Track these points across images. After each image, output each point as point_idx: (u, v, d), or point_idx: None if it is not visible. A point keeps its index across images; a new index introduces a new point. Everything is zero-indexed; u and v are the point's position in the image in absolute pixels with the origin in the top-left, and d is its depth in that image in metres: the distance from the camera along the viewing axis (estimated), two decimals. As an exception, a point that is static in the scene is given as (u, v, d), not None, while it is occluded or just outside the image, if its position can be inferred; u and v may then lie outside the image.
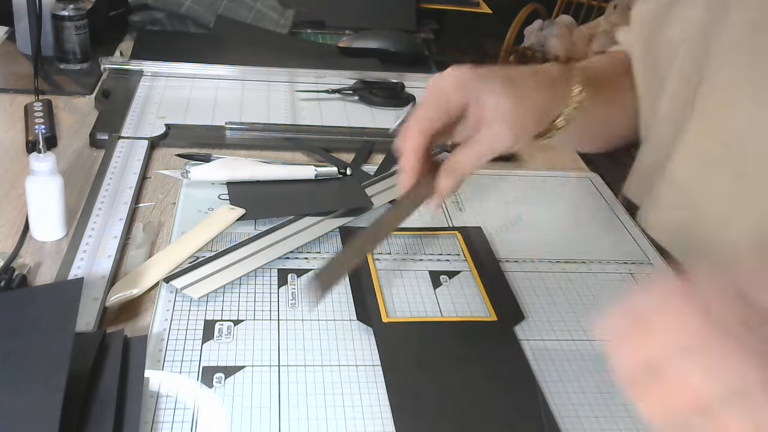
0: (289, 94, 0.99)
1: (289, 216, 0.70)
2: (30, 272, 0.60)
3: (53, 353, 0.46)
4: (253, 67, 1.03)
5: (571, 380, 0.55)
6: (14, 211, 0.68)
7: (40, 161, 0.62)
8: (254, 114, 0.91)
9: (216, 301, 0.59)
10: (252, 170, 0.75)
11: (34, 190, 0.63)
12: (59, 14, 0.99)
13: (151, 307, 0.58)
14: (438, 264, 0.66)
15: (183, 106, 0.92)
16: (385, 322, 0.58)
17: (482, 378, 0.54)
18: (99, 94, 0.93)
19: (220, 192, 0.73)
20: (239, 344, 0.55)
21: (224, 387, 0.51)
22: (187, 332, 0.55)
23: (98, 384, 0.48)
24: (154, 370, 0.51)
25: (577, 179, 0.84)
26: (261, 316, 0.58)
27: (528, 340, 0.58)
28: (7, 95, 0.92)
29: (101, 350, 0.50)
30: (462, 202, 0.77)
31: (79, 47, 1.02)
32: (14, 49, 1.06)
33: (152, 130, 0.84)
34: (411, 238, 0.69)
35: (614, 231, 0.74)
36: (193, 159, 0.78)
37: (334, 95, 0.98)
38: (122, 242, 0.64)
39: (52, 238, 0.65)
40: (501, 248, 0.69)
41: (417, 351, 0.56)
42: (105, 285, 0.58)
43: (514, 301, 0.62)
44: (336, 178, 0.77)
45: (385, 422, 0.49)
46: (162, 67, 1.01)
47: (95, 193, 0.70)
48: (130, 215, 0.68)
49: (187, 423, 0.48)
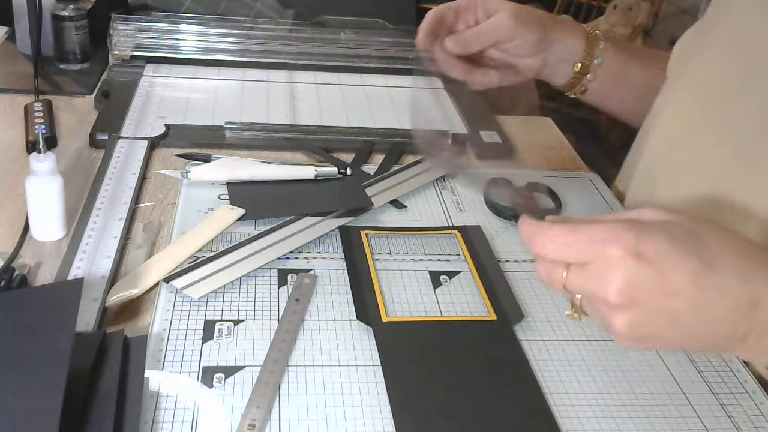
0: (289, 94, 0.99)
1: (289, 216, 0.70)
2: (30, 272, 0.60)
3: (53, 353, 0.46)
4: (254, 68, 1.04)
5: (571, 380, 0.55)
6: (14, 211, 0.68)
7: (40, 161, 0.62)
8: (254, 114, 0.92)
9: (216, 301, 0.59)
10: (252, 170, 0.75)
11: (34, 190, 0.63)
12: (59, 14, 0.99)
13: (151, 307, 0.58)
14: (438, 264, 0.66)
15: (183, 106, 0.92)
16: (384, 321, 0.58)
17: (482, 378, 0.54)
18: (99, 94, 0.94)
19: (220, 192, 0.73)
20: (239, 344, 0.55)
21: (224, 387, 0.51)
22: (187, 332, 0.55)
23: (98, 384, 0.48)
24: (154, 370, 0.51)
25: (577, 179, 0.84)
26: (261, 316, 0.58)
27: (528, 340, 0.58)
28: (7, 95, 0.92)
29: (101, 350, 0.50)
30: (462, 202, 0.77)
31: (79, 47, 1.02)
32: (14, 49, 1.06)
33: (152, 130, 0.84)
34: (411, 238, 0.69)
35: (614, 231, 0.74)
36: (193, 159, 0.78)
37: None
38: (122, 242, 0.64)
39: (52, 238, 0.65)
40: (501, 248, 0.69)
41: (417, 351, 0.56)
42: (105, 285, 0.58)
43: (514, 301, 0.62)
44: (336, 178, 0.77)
45: (385, 422, 0.49)
46: (162, 67, 1.01)
47: (95, 193, 0.70)
48: (130, 215, 0.68)
49: (187, 423, 0.48)
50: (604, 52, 0.79)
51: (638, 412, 0.52)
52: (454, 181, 0.80)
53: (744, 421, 0.53)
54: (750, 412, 0.54)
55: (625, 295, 0.44)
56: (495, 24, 0.74)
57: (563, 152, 0.91)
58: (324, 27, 1.15)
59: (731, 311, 0.44)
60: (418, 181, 0.78)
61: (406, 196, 0.76)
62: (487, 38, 0.75)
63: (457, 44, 0.75)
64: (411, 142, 0.85)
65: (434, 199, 0.77)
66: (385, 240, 0.69)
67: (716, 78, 0.67)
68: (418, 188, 0.78)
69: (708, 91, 0.68)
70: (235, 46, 1.05)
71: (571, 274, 0.46)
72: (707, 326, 0.45)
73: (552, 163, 0.88)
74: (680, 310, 0.44)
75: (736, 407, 0.54)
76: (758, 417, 0.53)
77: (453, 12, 0.76)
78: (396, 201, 0.75)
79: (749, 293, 0.44)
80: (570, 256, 0.46)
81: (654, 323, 0.44)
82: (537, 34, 0.75)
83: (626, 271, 0.43)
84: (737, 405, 0.54)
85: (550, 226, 0.47)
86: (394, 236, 0.69)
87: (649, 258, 0.43)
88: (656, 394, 0.54)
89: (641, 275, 0.43)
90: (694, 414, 0.53)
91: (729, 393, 0.55)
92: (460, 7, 0.76)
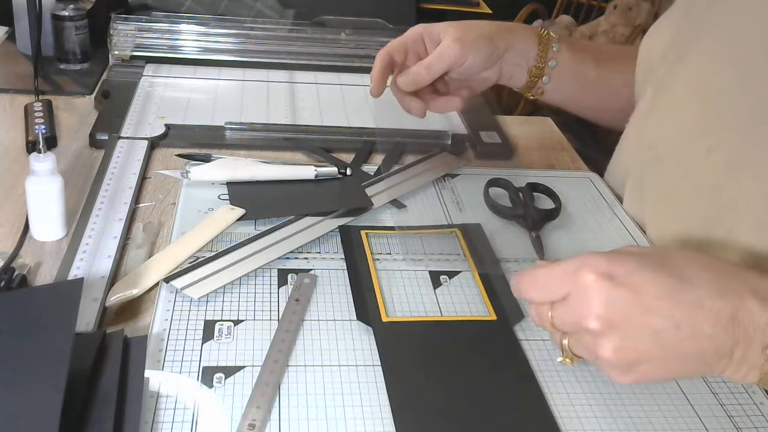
0: (289, 94, 0.99)
1: (289, 216, 0.70)
2: (30, 272, 0.60)
3: (53, 353, 0.46)
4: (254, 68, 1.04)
5: (571, 380, 0.55)
6: (14, 211, 0.68)
7: (40, 161, 0.62)
8: (254, 114, 0.92)
9: (216, 301, 0.59)
10: (252, 170, 0.75)
11: (34, 190, 0.63)
12: (59, 14, 0.99)
13: (151, 307, 0.58)
14: (438, 264, 0.66)
15: (183, 106, 0.92)
16: (384, 321, 0.58)
17: (482, 377, 0.54)
18: (99, 94, 0.93)
19: (220, 192, 0.73)
20: (239, 344, 0.55)
21: (224, 387, 0.51)
22: (187, 332, 0.55)
23: (98, 384, 0.48)
24: (154, 370, 0.51)
25: (577, 179, 0.84)
26: (261, 316, 0.58)
27: (528, 339, 0.58)
28: (7, 95, 0.92)
29: (101, 350, 0.50)
30: (462, 201, 0.77)
31: (79, 47, 1.02)
32: (14, 49, 1.06)
33: (152, 130, 0.84)
34: (411, 238, 0.69)
35: (614, 231, 0.74)
36: (193, 159, 0.78)
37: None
38: (122, 242, 0.64)
39: (52, 238, 0.65)
40: (501, 247, 0.69)
41: (417, 351, 0.56)
42: (105, 285, 0.58)
43: (514, 301, 0.62)
44: (336, 178, 0.77)
45: (385, 422, 0.49)
46: (162, 67, 1.01)
47: (95, 193, 0.70)
48: (130, 215, 0.68)
49: (187, 423, 0.48)
50: (557, 54, 0.79)
51: (638, 412, 0.52)
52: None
53: (744, 421, 0.53)
54: (750, 412, 0.54)
55: (604, 319, 0.45)
56: (441, 54, 0.73)
57: (563, 152, 0.91)
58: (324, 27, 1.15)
59: (713, 326, 0.45)
60: (418, 181, 0.78)
61: (406, 196, 0.76)
62: (436, 70, 0.74)
63: (408, 83, 0.74)
64: (411, 143, 0.85)
65: (434, 198, 0.77)
66: (386, 240, 0.69)
67: (706, 85, 0.66)
68: (418, 188, 0.78)
69: (697, 98, 0.67)
70: (235, 46, 1.05)
71: (555, 311, 0.48)
72: (691, 343, 0.45)
73: (552, 163, 0.88)
74: (661, 328, 0.45)
75: (736, 407, 0.54)
76: (758, 417, 0.53)
77: (401, 47, 0.76)
78: (396, 201, 0.75)
79: (727, 306, 0.45)
80: (550, 291, 0.48)
81: (638, 346, 0.45)
82: (485, 51, 0.75)
83: (600, 293, 0.45)
84: (737, 405, 0.54)
85: (534, 270, 0.49)
86: (394, 236, 0.69)
87: (621, 279, 0.45)
88: (656, 394, 0.54)
89: (617, 296, 0.45)
90: (694, 414, 0.53)
91: (729, 393, 0.55)
92: (407, 41, 0.76)
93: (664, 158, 0.70)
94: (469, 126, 0.93)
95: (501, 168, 0.84)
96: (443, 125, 0.91)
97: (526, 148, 0.91)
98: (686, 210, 0.67)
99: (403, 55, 0.76)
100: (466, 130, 0.93)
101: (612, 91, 0.83)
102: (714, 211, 0.63)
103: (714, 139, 0.64)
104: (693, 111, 0.67)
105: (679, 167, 0.68)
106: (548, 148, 0.92)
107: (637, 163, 0.75)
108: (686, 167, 0.67)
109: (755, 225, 0.60)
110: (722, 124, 0.64)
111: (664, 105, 0.72)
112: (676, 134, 0.69)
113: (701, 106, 0.66)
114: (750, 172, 0.60)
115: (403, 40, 0.76)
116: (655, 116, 0.73)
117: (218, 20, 1.09)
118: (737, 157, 0.62)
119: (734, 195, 0.62)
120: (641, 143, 0.74)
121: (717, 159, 0.63)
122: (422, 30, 0.76)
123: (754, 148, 0.60)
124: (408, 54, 0.76)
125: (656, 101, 0.73)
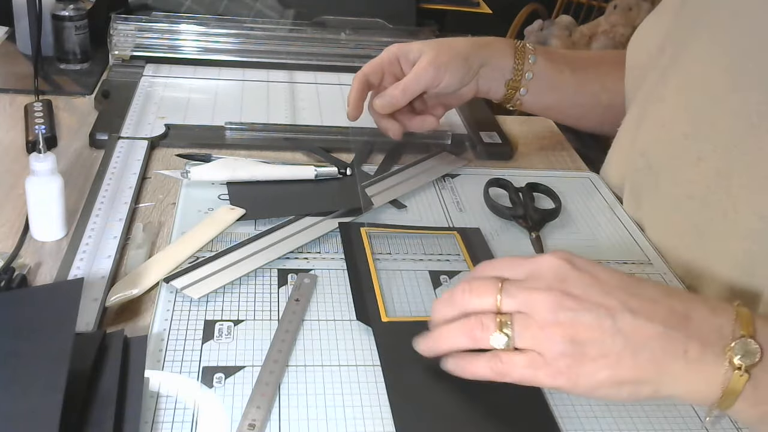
0: (289, 94, 0.99)
1: (289, 216, 0.70)
2: (30, 272, 0.60)
3: (53, 353, 0.46)
4: (254, 68, 1.04)
5: (571, 380, 0.55)
6: (14, 211, 0.68)
7: (40, 161, 0.62)
8: (254, 114, 0.92)
9: (216, 301, 0.59)
10: (252, 170, 0.75)
11: (34, 190, 0.63)
12: (59, 14, 0.99)
13: (151, 307, 0.58)
14: (438, 264, 0.66)
15: (183, 106, 0.92)
16: (384, 321, 0.58)
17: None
18: (99, 94, 0.93)
19: (220, 192, 0.73)
20: (239, 344, 0.55)
21: (224, 387, 0.51)
22: (187, 332, 0.55)
23: (98, 384, 0.48)
24: (154, 370, 0.51)
25: (577, 179, 0.84)
26: (261, 316, 0.58)
27: (528, 340, 0.58)
28: (7, 95, 0.92)
29: (101, 350, 0.50)
30: (462, 202, 0.77)
31: (79, 47, 1.02)
32: (14, 49, 1.06)
33: (152, 130, 0.84)
34: (411, 238, 0.69)
35: (614, 231, 0.74)
36: (193, 159, 0.78)
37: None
38: (122, 242, 0.64)
39: (52, 238, 0.65)
40: (501, 248, 0.69)
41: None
42: (105, 285, 0.58)
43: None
44: (336, 178, 0.77)
45: (385, 422, 0.49)
46: (162, 67, 1.01)
47: (95, 193, 0.70)
48: (130, 215, 0.68)
49: (187, 423, 0.48)
50: (534, 65, 0.80)
51: (638, 412, 0.52)
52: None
53: (744, 421, 0.53)
54: (750, 412, 0.54)
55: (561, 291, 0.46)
56: (416, 76, 0.74)
57: (563, 152, 0.91)
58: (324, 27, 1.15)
59: (667, 318, 0.45)
60: (418, 181, 0.78)
61: (406, 196, 0.76)
62: (411, 92, 0.75)
63: (384, 105, 0.76)
64: (411, 143, 0.85)
65: (434, 199, 0.77)
66: (386, 239, 0.69)
67: (697, 93, 0.66)
68: (418, 188, 0.78)
69: (688, 106, 0.67)
70: (235, 46, 1.05)
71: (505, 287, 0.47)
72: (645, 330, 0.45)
73: (552, 163, 0.88)
74: (617, 309, 0.45)
75: (736, 407, 0.54)
76: (758, 417, 0.53)
77: (377, 69, 0.77)
78: (396, 201, 0.75)
79: (680, 305, 0.47)
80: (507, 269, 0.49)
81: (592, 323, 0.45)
82: (460, 71, 0.76)
83: (560, 269, 0.47)
84: (737, 405, 0.54)
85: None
86: (394, 236, 0.69)
87: (582, 267, 0.48)
88: (656, 394, 0.54)
89: (576, 276, 0.47)
90: (694, 414, 0.53)
91: (729, 393, 0.55)
92: (383, 63, 0.77)
93: (656, 167, 0.71)
94: (469, 126, 0.93)
95: (501, 168, 0.84)
96: (443, 125, 0.91)
97: (526, 148, 0.91)
98: (678, 219, 0.67)
99: (379, 77, 0.77)
100: (466, 130, 0.93)
101: (591, 97, 0.84)
102: (705, 219, 0.63)
103: (704, 147, 0.64)
104: (683, 119, 0.67)
105: (670, 176, 0.68)
106: (548, 148, 0.92)
107: (631, 170, 0.75)
108: (677, 176, 0.67)
109: (745, 234, 0.60)
110: (712, 133, 0.64)
111: (655, 112, 0.72)
112: (666, 143, 0.69)
113: (692, 114, 0.66)
114: (740, 180, 0.61)
115: (379, 62, 0.77)
116: (646, 124, 0.73)
117: (218, 20, 1.09)
118: (727, 166, 0.62)
119: (724, 204, 0.62)
120: (634, 150, 0.74)
121: (707, 167, 0.63)
122: (397, 51, 0.77)
123: (743, 158, 0.60)
124: (384, 75, 0.78)
125: (647, 108, 0.73)
